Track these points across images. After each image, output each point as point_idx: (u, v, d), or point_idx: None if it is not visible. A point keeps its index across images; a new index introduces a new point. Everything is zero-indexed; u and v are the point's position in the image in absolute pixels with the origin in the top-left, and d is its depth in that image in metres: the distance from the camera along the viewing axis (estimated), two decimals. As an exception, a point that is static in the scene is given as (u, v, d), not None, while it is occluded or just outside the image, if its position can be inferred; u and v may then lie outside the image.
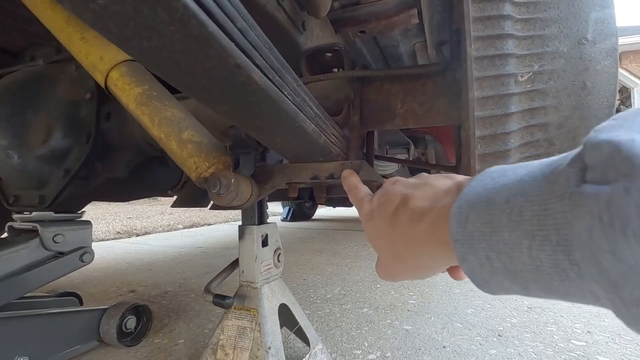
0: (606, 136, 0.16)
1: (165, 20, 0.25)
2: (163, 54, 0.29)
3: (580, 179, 0.16)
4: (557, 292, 0.18)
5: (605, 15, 0.38)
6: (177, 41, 0.27)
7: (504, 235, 0.19)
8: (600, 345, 0.90)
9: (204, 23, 0.26)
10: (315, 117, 0.44)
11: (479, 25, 0.39)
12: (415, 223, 0.27)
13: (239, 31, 0.29)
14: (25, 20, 0.93)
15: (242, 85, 0.32)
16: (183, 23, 0.25)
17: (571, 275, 0.17)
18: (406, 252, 0.29)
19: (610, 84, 0.38)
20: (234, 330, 0.67)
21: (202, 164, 0.52)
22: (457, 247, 0.22)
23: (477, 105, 0.39)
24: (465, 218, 0.22)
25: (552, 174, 0.18)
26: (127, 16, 0.25)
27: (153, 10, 0.24)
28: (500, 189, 0.21)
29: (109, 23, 0.26)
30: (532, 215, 0.18)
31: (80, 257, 0.88)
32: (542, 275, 0.18)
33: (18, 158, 0.81)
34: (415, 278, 0.31)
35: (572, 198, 0.16)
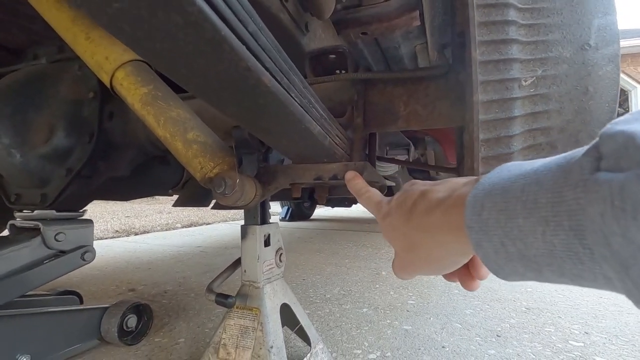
0: (621, 127, 0.17)
1: (179, 23, 0.26)
2: (175, 56, 0.29)
3: (595, 168, 0.17)
4: (569, 276, 0.19)
5: (607, 22, 0.39)
6: (190, 44, 0.28)
7: (518, 222, 0.20)
8: (598, 346, 0.91)
9: (217, 27, 0.26)
10: (321, 119, 0.45)
11: (483, 30, 0.40)
12: (431, 211, 0.28)
13: (250, 35, 0.29)
14: (28, 18, 0.93)
15: (251, 87, 0.33)
16: (197, 27, 0.26)
17: (584, 258, 0.18)
18: (421, 241, 0.29)
19: (612, 89, 0.38)
20: (236, 330, 0.68)
21: (207, 164, 0.53)
22: (472, 234, 0.23)
23: (482, 108, 0.40)
24: (480, 206, 0.23)
25: (567, 164, 0.19)
26: (142, 19, 0.26)
27: (168, 13, 0.25)
28: (517, 179, 0.21)
29: (123, 25, 0.26)
30: (546, 202, 0.19)
31: (82, 255, 0.88)
32: (556, 259, 0.19)
33: (20, 156, 0.81)
34: (430, 272, 0.32)
35: (586, 185, 0.17)
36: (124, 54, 0.59)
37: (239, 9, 0.28)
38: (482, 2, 0.40)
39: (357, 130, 0.59)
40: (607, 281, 0.18)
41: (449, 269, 0.31)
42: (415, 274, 0.33)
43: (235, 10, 0.28)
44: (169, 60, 0.30)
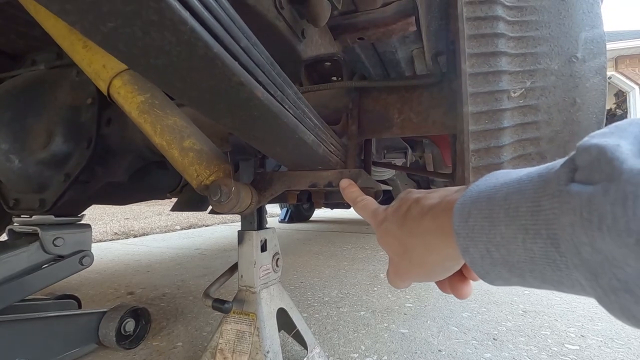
0: (596, 141, 0.17)
1: (172, 41, 0.26)
2: (169, 71, 0.30)
3: (570, 179, 0.18)
4: (551, 282, 0.20)
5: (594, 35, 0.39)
6: (184, 60, 0.28)
7: (501, 230, 0.21)
8: (594, 349, 0.91)
9: (209, 45, 0.27)
10: (315, 128, 0.45)
11: (473, 43, 0.40)
12: (423, 216, 0.29)
13: (242, 50, 0.30)
14: (26, 24, 0.93)
15: (245, 100, 0.33)
16: (190, 45, 0.26)
17: (561, 266, 0.18)
18: (414, 245, 0.30)
19: (600, 100, 0.39)
20: (232, 334, 0.68)
21: (203, 172, 0.53)
22: (459, 240, 0.24)
23: (471, 119, 0.40)
24: (467, 212, 0.23)
25: (547, 174, 0.20)
26: (136, 37, 0.26)
27: (161, 33, 0.25)
28: (501, 187, 0.22)
29: (118, 44, 0.27)
30: (526, 211, 0.20)
31: (80, 260, 0.89)
32: (537, 266, 0.20)
33: (19, 162, 0.81)
34: (423, 277, 0.32)
35: (560, 196, 0.18)
36: (121, 63, 0.59)
37: (230, 26, 0.29)
38: (471, 15, 0.41)
39: (351, 137, 0.60)
40: (582, 288, 0.18)
41: (441, 275, 0.32)
42: (408, 280, 0.34)
43: (226, 27, 0.29)
44: (164, 75, 0.31)
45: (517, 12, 0.41)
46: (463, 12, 0.41)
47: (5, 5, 0.85)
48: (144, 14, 0.24)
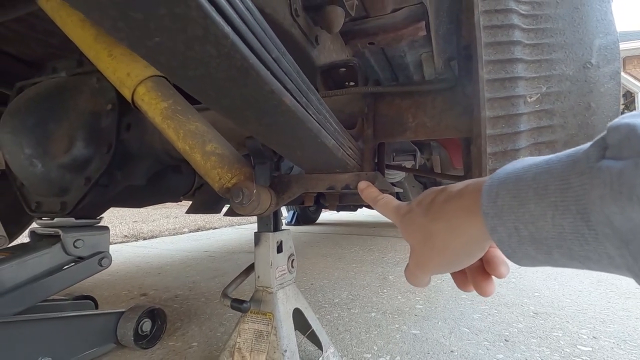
0: (627, 120, 0.19)
1: (212, 54, 0.28)
2: (205, 81, 0.32)
3: (600, 156, 0.19)
4: (578, 258, 0.21)
5: (608, 42, 0.41)
6: (220, 71, 0.30)
7: (530, 207, 0.22)
8: (606, 351, 0.91)
9: (246, 56, 0.29)
10: (335, 133, 0.47)
11: (490, 50, 0.42)
12: (449, 200, 0.30)
13: (273, 61, 0.32)
14: (46, 33, 0.97)
15: (273, 107, 0.35)
16: (228, 57, 0.28)
17: (589, 239, 0.20)
18: (438, 230, 0.30)
19: (614, 104, 0.40)
20: (250, 334, 0.70)
21: (225, 175, 0.55)
22: (488, 219, 0.25)
23: (489, 124, 0.42)
24: (495, 193, 0.24)
25: (575, 154, 0.21)
26: (178, 51, 0.28)
27: (203, 46, 0.27)
28: (529, 168, 0.23)
29: (160, 57, 0.29)
30: (555, 188, 0.21)
31: (99, 261, 0.91)
32: (565, 241, 0.21)
33: (42, 166, 0.84)
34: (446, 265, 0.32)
35: (591, 172, 0.19)
36: (144, 70, 0.62)
37: (263, 37, 0.31)
38: (488, 24, 0.42)
39: (367, 141, 0.62)
40: (610, 260, 0.20)
41: (464, 261, 0.32)
42: (429, 270, 0.33)
43: (260, 39, 0.31)
44: (200, 85, 0.33)
45: (533, 20, 0.42)
46: (480, 20, 0.42)
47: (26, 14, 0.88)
48: (190, 29, 0.26)
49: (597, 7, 0.41)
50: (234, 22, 0.27)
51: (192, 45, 0.27)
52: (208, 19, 0.25)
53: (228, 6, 0.26)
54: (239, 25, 0.27)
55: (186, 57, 0.29)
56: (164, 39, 0.27)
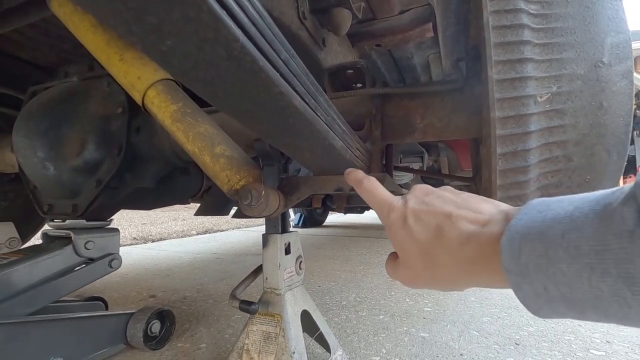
0: None
1: (223, 56, 0.29)
2: (216, 83, 0.32)
3: (638, 219, 0.19)
4: (614, 317, 0.21)
5: (620, 40, 0.40)
6: (231, 73, 0.30)
7: (562, 268, 0.21)
8: (620, 356, 0.89)
9: (255, 59, 0.29)
10: (343, 134, 0.47)
11: (499, 50, 0.42)
12: (463, 246, 0.28)
13: (282, 63, 0.32)
14: (58, 38, 0.99)
15: (282, 109, 0.35)
16: (238, 59, 0.28)
17: (632, 303, 0.19)
18: (448, 266, 0.29)
19: (626, 103, 0.40)
20: (259, 335, 0.70)
21: (234, 177, 0.56)
22: (511, 277, 0.24)
23: (499, 124, 0.42)
24: (518, 249, 0.23)
25: (604, 212, 0.20)
26: (190, 54, 0.29)
27: (213, 49, 0.28)
28: (552, 224, 0.22)
29: (173, 59, 0.29)
30: (589, 249, 0.20)
31: (109, 263, 0.93)
32: (602, 302, 0.20)
33: (54, 169, 0.85)
34: (443, 289, 0.32)
35: (632, 236, 0.19)
36: (154, 74, 0.62)
37: (273, 40, 0.31)
38: (497, 24, 0.42)
39: (375, 142, 0.62)
40: None
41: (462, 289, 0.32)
42: (424, 287, 0.33)
43: (270, 41, 0.31)
44: (210, 87, 0.33)
45: (543, 20, 0.42)
46: (489, 20, 0.42)
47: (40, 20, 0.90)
48: (201, 32, 0.26)
49: (608, 5, 0.40)
50: (244, 25, 0.27)
51: (204, 47, 0.28)
52: (220, 22, 0.25)
53: (238, 9, 0.26)
54: (249, 28, 0.28)
55: (197, 60, 0.29)
56: (177, 42, 0.27)
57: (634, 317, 0.20)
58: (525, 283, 0.23)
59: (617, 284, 0.19)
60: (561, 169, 0.42)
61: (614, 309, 0.20)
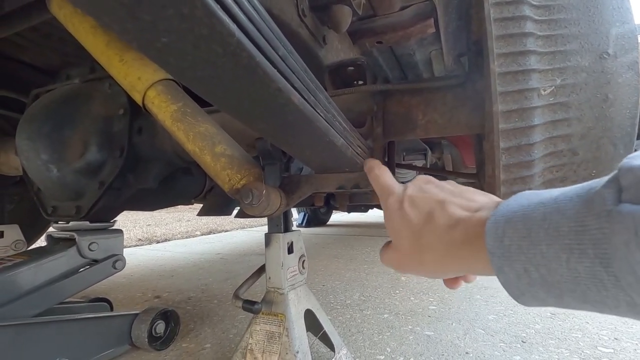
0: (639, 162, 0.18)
1: (219, 53, 0.28)
2: (213, 81, 0.32)
3: (617, 199, 0.18)
4: (591, 302, 0.20)
5: (625, 31, 0.39)
6: (228, 70, 0.30)
7: (542, 249, 0.21)
8: (628, 353, 0.88)
9: (252, 55, 0.28)
10: (344, 131, 0.46)
11: (501, 43, 0.41)
12: (451, 229, 0.29)
13: (280, 59, 0.32)
14: (59, 41, 0.99)
15: (281, 106, 0.35)
16: (235, 55, 0.28)
17: (608, 285, 0.19)
18: (436, 249, 0.30)
19: (633, 95, 0.39)
20: (262, 335, 0.70)
21: (235, 176, 0.55)
22: (494, 259, 0.24)
23: (502, 118, 0.41)
24: (502, 232, 0.23)
25: (587, 194, 0.20)
26: (186, 51, 0.28)
27: (209, 46, 0.27)
28: (536, 207, 0.22)
29: (170, 58, 0.29)
30: (569, 230, 0.20)
31: (113, 264, 0.93)
32: (579, 286, 0.20)
33: (57, 171, 0.86)
34: (429, 275, 0.32)
35: (609, 216, 0.18)
36: (154, 74, 0.62)
37: (270, 35, 0.31)
38: (499, 16, 0.41)
39: (377, 139, 0.61)
40: (630, 308, 0.19)
41: (447, 276, 0.32)
42: (411, 272, 0.34)
43: (267, 37, 0.30)
44: (207, 85, 0.33)
45: (545, 11, 0.41)
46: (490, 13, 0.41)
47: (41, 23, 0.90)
48: (196, 29, 0.26)
49: (613, -6, 0.40)
50: (239, 20, 0.26)
51: (199, 44, 0.27)
52: (214, 17, 0.25)
53: (234, 4, 0.26)
54: (245, 23, 0.27)
55: (194, 58, 0.29)
56: (172, 40, 0.27)
57: (610, 302, 0.19)
58: (507, 265, 0.23)
59: (594, 265, 0.19)
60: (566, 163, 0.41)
61: (591, 292, 0.20)
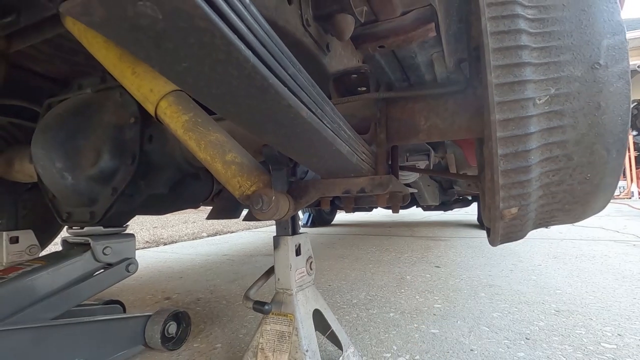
0: None
1: (234, 75, 0.31)
2: (227, 98, 0.35)
3: None
4: None
5: (616, 42, 0.41)
6: (242, 89, 0.33)
7: None
8: (632, 348, 0.90)
9: (265, 76, 0.31)
10: (349, 139, 0.49)
11: (498, 55, 0.43)
12: None
13: (290, 77, 0.34)
14: (70, 51, 1.02)
15: (291, 119, 0.37)
16: (249, 77, 0.31)
17: None
18: None
19: (624, 103, 0.41)
20: (272, 334, 0.72)
21: (245, 183, 0.58)
22: None
23: (499, 127, 0.43)
24: None
25: None
26: (203, 73, 0.31)
27: (225, 69, 0.30)
28: None
29: (188, 79, 0.31)
30: None
31: (127, 267, 0.96)
32: None
33: (72, 179, 0.89)
34: None
35: None
36: (166, 86, 0.65)
37: (281, 57, 0.33)
38: (495, 30, 0.43)
39: (380, 144, 0.63)
40: None
41: None
42: None
43: (278, 59, 0.33)
44: (222, 102, 0.35)
45: (539, 24, 0.43)
46: (487, 26, 0.43)
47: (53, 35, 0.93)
48: (214, 54, 0.28)
49: (604, 8, 0.41)
50: (254, 46, 0.29)
51: (216, 68, 0.30)
52: (231, 45, 0.27)
53: (249, 33, 0.28)
54: (259, 49, 0.30)
55: (211, 78, 0.31)
56: (192, 64, 0.30)
57: None
58: None
59: None
60: (562, 167, 0.43)
61: None
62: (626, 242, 2.40)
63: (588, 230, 3.07)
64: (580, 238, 2.65)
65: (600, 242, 2.44)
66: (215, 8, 0.25)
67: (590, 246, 2.31)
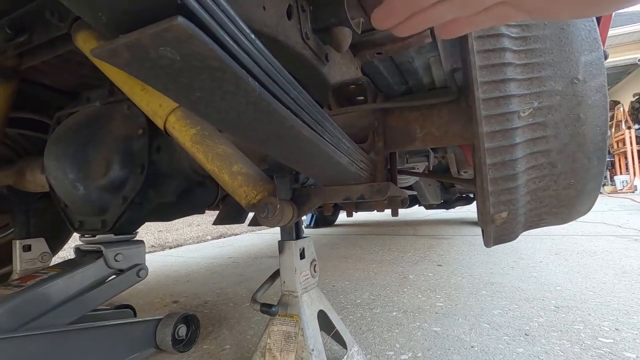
0: None
1: (242, 102, 0.34)
2: (235, 121, 0.38)
3: None
4: None
5: (593, 58, 0.44)
6: (248, 114, 0.36)
7: None
8: (628, 342, 0.92)
9: (270, 102, 0.34)
10: (348, 150, 0.52)
11: (484, 72, 0.46)
12: None
13: (292, 100, 0.37)
14: (78, 64, 1.06)
15: (293, 137, 0.41)
16: (255, 104, 0.34)
17: None
18: None
19: (602, 114, 0.44)
20: (279, 335, 0.76)
21: (251, 193, 0.61)
22: None
23: (486, 138, 0.46)
24: None
25: None
26: (214, 102, 0.34)
27: (234, 97, 0.33)
28: None
29: (200, 106, 0.35)
30: None
31: (137, 273, 1.00)
32: None
33: (83, 189, 0.93)
34: None
35: None
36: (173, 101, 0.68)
37: (284, 83, 0.36)
38: (481, 48, 0.46)
39: (378, 152, 0.66)
40: None
41: None
42: None
43: (281, 85, 0.36)
44: (230, 124, 0.38)
45: (522, 42, 0.46)
46: (474, 45, 0.46)
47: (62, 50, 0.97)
48: (224, 86, 0.31)
49: (581, 26, 0.44)
50: (259, 77, 0.32)
51: (226, 97, 0.33)
52: (240, 79, 0.30)
53: (254, 65, 0.32)
54: (264, 79, 0.33)
55: (221, 106, 0.35)
56: (204, 94, 0.33)
57: None
58: None
59: None
60: (547, 174, 0.46)
61: None
62: (628, 237, 2.42)
63: (590, 225, 3.08)
64: (582, 234, 2.67)
65: (602, 238, 2.46)
66: (227, 50, 0.28)
67: (591, 242, 2.33)
